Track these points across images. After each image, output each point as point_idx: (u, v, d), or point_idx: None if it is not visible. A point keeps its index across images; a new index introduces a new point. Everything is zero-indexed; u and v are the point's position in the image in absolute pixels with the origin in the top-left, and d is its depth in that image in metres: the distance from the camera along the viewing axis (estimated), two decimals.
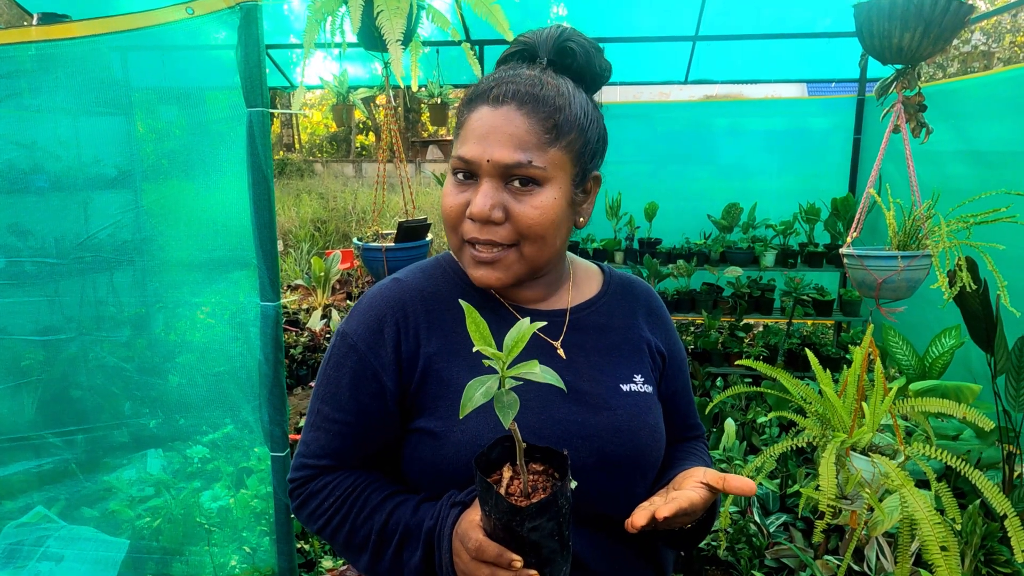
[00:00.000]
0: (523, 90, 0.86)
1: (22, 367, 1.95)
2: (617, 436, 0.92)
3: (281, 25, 4.47)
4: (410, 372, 0.92)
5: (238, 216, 1.78)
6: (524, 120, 0.85)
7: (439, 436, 0.89)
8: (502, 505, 0.70)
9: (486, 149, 0.85)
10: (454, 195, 0.89)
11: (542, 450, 0.77)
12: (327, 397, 0.93)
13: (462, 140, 0.88)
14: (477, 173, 0.87)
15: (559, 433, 0.89)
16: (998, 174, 2.91)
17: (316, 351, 4.83)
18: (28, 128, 1.86)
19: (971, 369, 2.84)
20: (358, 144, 18.99)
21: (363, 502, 0.91)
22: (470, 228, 0.88)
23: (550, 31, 0.94)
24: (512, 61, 0.96)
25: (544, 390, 0.91)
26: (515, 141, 0.84)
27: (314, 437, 0.94)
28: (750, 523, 2.25)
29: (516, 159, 0.84)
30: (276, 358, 1.75)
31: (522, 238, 0.88)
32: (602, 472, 0.91)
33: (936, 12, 1.60)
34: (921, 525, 1.17)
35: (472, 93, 0.90)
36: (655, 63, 4.68)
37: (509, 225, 0.87)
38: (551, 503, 0.70)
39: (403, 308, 0.94)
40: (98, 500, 2.00)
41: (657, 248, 4.24)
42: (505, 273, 0.90)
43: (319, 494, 0.93)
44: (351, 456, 0.94)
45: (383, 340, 0.92)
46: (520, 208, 0.86)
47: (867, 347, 1.34)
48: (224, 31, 1.69)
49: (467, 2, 1.90)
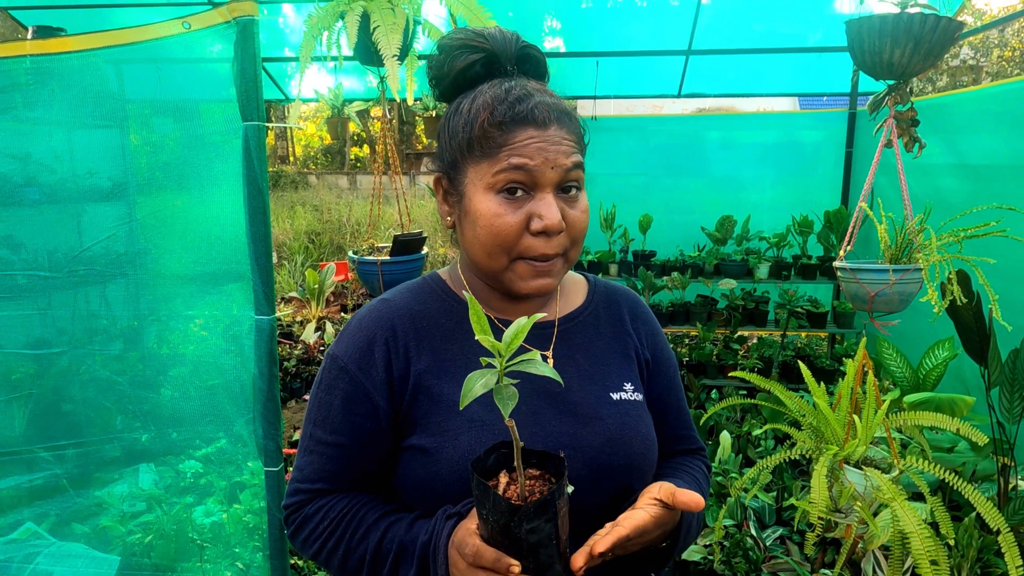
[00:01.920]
0: (556, 109, 0.89)
1: (12, 381, 1.94)
2: (609, 446, 0.92)
3: (276, 38, 4.49)
4: (401, 390, 0.91)
5: (232, 228, 1.78)
6: (567, 133, 0.89)
7: (431, 453, 0.88)
8: (500, 505, 0.70)
9: (548, 157, 0.86)
10: (511, 213, 0.86)
11: (538, 455, 0.78)
12: (320, 420, 0.93)
13: (509, 154, 0.85)
14: (537, 183, 0.86)
15: (551, 446, 0.89)
16: (989, 187, 2.94)
17: (310, 364, 4.81)
18: (22, 141, 1.85)
19: (964, 381, 2.85)
20: (352, 156, 19.02)
21: (357, 523, 0.90)
22: (536, 244, 0.87)
23: (506, 37, 0.93)
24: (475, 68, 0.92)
25: (535, 403, 0.92)
26: (566, 150, 0.88)
27: (308, 461, 0.94)
28: (746, 536, 2.24)
29: (574, 160, 0.88)
30: (271, 371, 1.75)
31: (572, 243, 0.91)
32: (596, 483, 0.91)
33: (926, 29, 1.62)
34: (912, 539, 1.17)
35: (503, 116, 0.86)
36: (648, 77, 4.71)
37: (565, 233, 0.89)
38: (549, 503, 0.70)
39: (392, 327, 0.94)
40: (89, 516, 1.98)
41: (651, 260, 4.25)
42: (556, 279, 0.92)
43: (313, 518, 0.92)
44: (346, 478, 0.93)
45: (373, 360, 0.92)
46: (573, 214, 0.90)
47: (861, 359, 1.34)
48: (220, 44, 1.70)
49: (463, 17, 1.91)
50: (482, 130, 0.87)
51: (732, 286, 3.94)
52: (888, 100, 1.86)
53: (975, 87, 3.27)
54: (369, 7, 1.86)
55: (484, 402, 0.88)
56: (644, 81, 4.75)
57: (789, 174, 4.58)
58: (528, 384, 0.91)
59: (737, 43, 4.23)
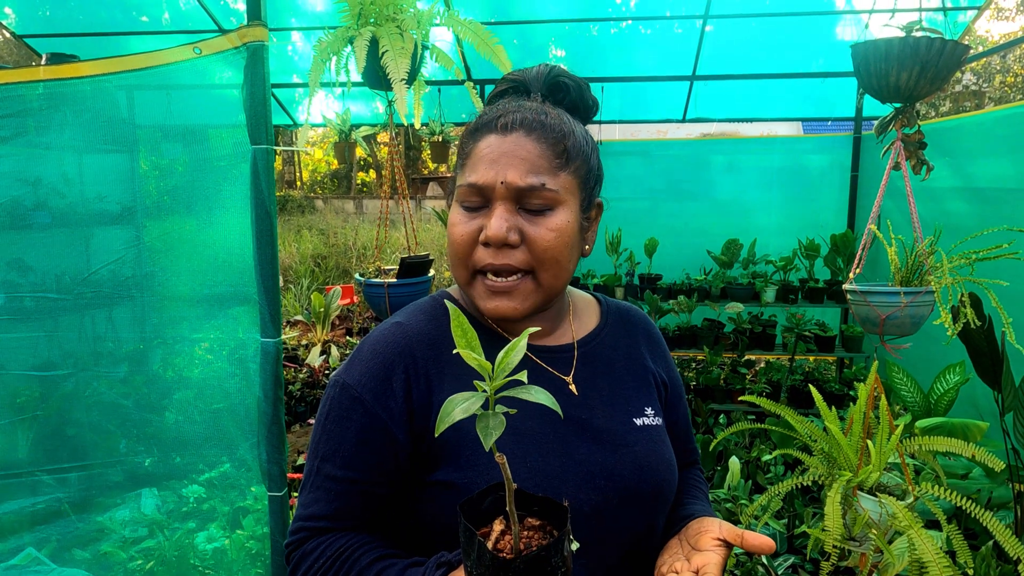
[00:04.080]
0: (530, 117, 0.86)
1: (17, 403, 1.93)
2: (639, 473, 0.90)
3: (284, 65, 4.56)
4: (423, 422, 0.86)
5: (239, 252, 1.78)
6: (535, 145, 0.85)
7: (460, 488, 0.83)
8: (485, 559, 0.60)
9: (499, 172, 0.84)
10: (464, 223, 0.86)
11: (540, 501, 0.68)
12: (328, 455, 0.87)
13: (470, 168, 0.87)
14: (490, 198, 0.85)
15: (583, 475, 0.86)
16: (997, 211, 2.93)
17: (315, 387, 4.79)
18: (34, 165, 1.87)
19: (977, 405, 2.81)
20: (359, 181, 19.18)
21: (350, 565, 0.84)
22: (484, 255, 0.85)
23: (539, 69, 0.95)
24: (504, 97, 0.95)
25: (562, 431, 0.88)
26: (528, 165, 0.84)
27: (313, 499, 0.87)
28: (758, 565, 2.20)
29: (530, 182, 0.83)
30: (276, 395, 1.73)
31: (538, 263, 0.85)
32: (627, 510, 0.88)
33: (932, 53, 1.63)
34: (930, 568, 1.14)
35: (476, 124, 0.90)
36: (654, 102, 4.76)
37: (525, 249, 0.85)
38: (544, 560, 0.60)
39: (411, 354, 0.89)
40: (90, 541, 1.95)
41: (657, 284, 4.24)
42: (522, 303, 0.86)
43: (310, 556, 0.86)
44: (352, 516, 0.87)
45: (391, 390, 0.86)
46: (536, 231, 0.85)
47: (873, 383, 1.32)
48: (229, 71, 1.72)
49: (470, 42, 1.94)
50: (462, 140, 0.91)
51: (739, 310, 3.92)
52: (895, 123, 1.86)
53: (980, 111, 3.29)
54: (378, 32, 1.88)
55: (516, 431, 0.85)
56: (649, 106, 4.79)
57: (794, 198, 4.59)
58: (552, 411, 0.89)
59: (741, 69, 4.27)
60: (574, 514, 0.83)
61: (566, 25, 4.30)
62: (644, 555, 0.91)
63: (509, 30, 4.24)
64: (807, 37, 4.13)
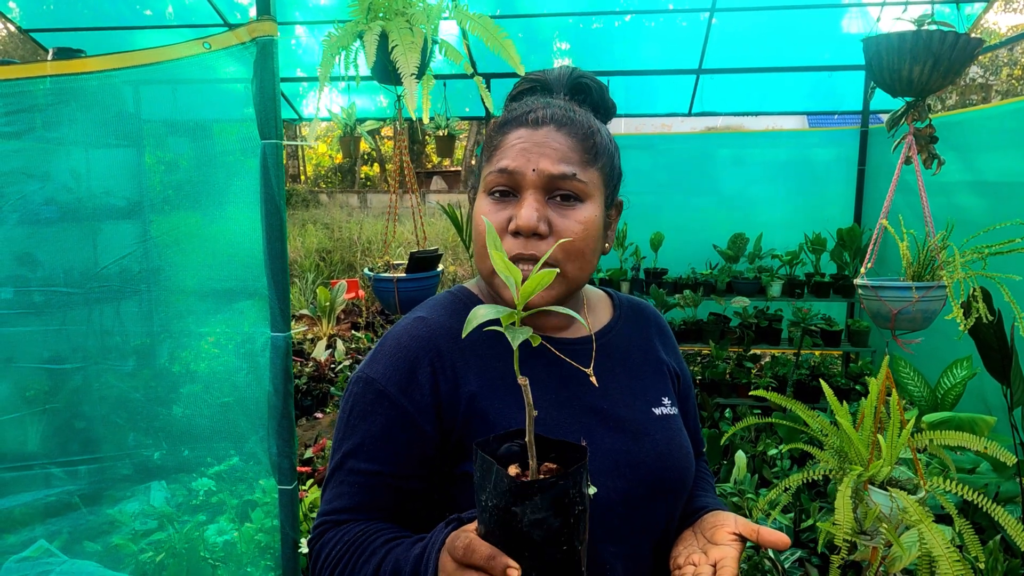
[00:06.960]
0: (559, 113, 0.88)
1: (27, 397, 1.94)
2: (661, 462, 0.92)
3: (289, 59, 4.55)
4: (451, 415, 0.87)
5: (247, 246, 1.78)
6: (565, 138, 0.86)
7: None
8: (502, 484, 0.59)
9: (531, 160, 0.85)
10: (493, 212, 0.87)
11: (557, 446, 0.66)
12: (353, 450, 0.87)
13: (500, 156, 0.87)
14: (520, 186, 0.86)
15: (610, 464, 0.87)
16: (1007, 205, 2.92)
17: (321, 381, 4.80)
18: (42, 161, 1.87)
19: (985, 400, 2.81)
20: (363, 175, 19.17)
21: (364, 547, 0.84)
22: (512, 245, 0.85)
23: (561, 70, 0.97)
24: (525, 96, 0.96)
25: (584, 420, 0.90)
26: (559, 155, 0.85)
27: (337, 493, 0.88)
28: (764, 559, 2.20)
29: (562, 170, 0.85)
30: (286, 389, 1.74)
31: (565, 255, 0.86)
32: (653, 500, 0.90)
33: (945, 47, 1.62)
34: (940, 562, 1.14)
35: (504, 118, 0.91)
36: (659, 96, 4.74)
37: (552, 240, 0.85)
38: (560, 491, 0.59)
39: (436, 348, 0.89)
40: (101, 533, 1.96)
41: (663, 278, 4.24)
42: (547, 291, 0.86)
43: (328, 543, 0.87)
44: (377, 509, 0.88)
45: (417, 383, 0.87)
46: (564, 222, 0.86)
47: (884, 378, 1.32)
48: (236, 66, 1.72)
49: (479, 37, 1.93)
50: (489, 134, 0.92)
51: (745, 304, 3.91)
52: (907, 117, 1.85)
53: (990, 104, 3.27)
54: (388, 27, 1.88)
55: (539, 421, 0.85)
56: (655, 100, 4.77)
57: (800, 192, 4.57)
58: (577, 401, 0.90)
59: (747, 62, 4.25)
60: (605, 504, 0.84)
61: (571, 19, 4.28)
62: (668, 546, 0.93)
63: (514, 24, 4.22)
64: (813, 30, 4.10)
